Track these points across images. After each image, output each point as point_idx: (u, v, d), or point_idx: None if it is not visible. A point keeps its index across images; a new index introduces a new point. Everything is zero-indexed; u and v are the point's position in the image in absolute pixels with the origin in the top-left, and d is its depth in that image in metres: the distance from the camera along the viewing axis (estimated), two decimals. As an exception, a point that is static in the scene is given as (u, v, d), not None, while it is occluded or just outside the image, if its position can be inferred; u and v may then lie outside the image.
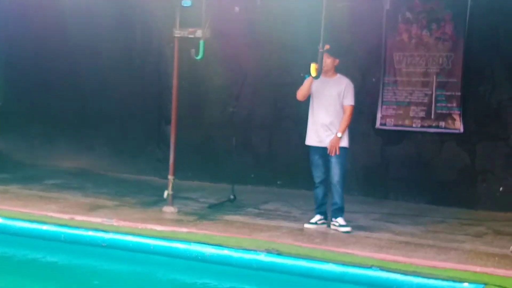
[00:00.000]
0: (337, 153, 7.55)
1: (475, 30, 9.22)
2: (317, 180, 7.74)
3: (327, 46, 7.42)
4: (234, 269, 6.34)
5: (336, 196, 7.67)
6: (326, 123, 7.63)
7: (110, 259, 6.70)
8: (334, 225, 7.70)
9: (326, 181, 7.74)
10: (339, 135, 7.57)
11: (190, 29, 8.09)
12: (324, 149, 7.66)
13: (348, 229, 7.58)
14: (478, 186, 9.36)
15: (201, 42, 7.52)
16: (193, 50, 7.68)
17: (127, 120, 11.49)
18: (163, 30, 9.68)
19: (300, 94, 7.80)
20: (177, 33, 8.21)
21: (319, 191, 7.76)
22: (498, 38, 9.16)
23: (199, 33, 8.02)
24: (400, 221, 8.35)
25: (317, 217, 7.77)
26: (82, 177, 10.75)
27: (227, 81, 10.54)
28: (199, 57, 7.59)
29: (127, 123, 11.50)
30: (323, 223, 7.77)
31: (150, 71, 11.23)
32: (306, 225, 7.73)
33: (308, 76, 7.52)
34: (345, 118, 7.63)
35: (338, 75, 7.76)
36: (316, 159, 7.72)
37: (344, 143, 7.67)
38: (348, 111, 7.64)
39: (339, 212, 7.68)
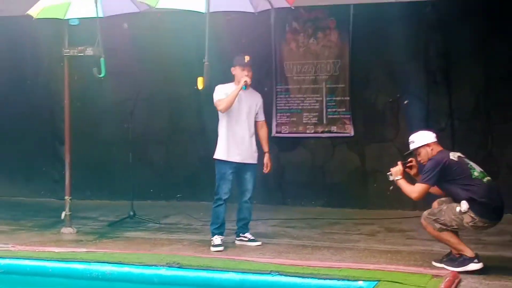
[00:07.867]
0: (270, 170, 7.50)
1: (359, 37, 9.59)
2: (224, 196, 7.27)
3: (248, 58, 7.30)
4: (136, 285, 6.30)
5: (247, 212, 7.46)
6: (245, 136, 7.36)
7: (8, 285, 6.55)
8: (243, 240, 7.45)
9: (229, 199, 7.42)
10: (268, 151, 7.49)
11: (80, 48, 8.05)
12: (238, 164, 7.33)
13: (259, 243, 7.39)
14: (369, 187, 9.71)
15: (102, 60, 7.32)
16: (95, 69, 7.47)
17: (20, 142, 11.24)
18: (52, 49, 9.56)
19: (227, 105, 7.23)
20: (66, 52, 8.17)
21: (222, 210, 7.31)
22: (379, 43, 9.54)
23: (89, 51, 7.97)
24: (297, 225, 8.56)
25: (220, 238, 7.27)
26: (-25, 203, 10.42)
27: (121, 97, 10.48)
28: (102, 75, 7.44)
29: (20, 145, 11.24)
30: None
31: (42, 90, 11.06)
32: (213, 249, 7.16)
33: (246, 87, 7.28)
34: (266, 134, 7.59)
35: (250, 89, 7.48)
36: (228, 174, 7.29)
37: (256, 159, 7.49)
38: (265, 127, 7.61)
39: (247, 226, 7.50)
